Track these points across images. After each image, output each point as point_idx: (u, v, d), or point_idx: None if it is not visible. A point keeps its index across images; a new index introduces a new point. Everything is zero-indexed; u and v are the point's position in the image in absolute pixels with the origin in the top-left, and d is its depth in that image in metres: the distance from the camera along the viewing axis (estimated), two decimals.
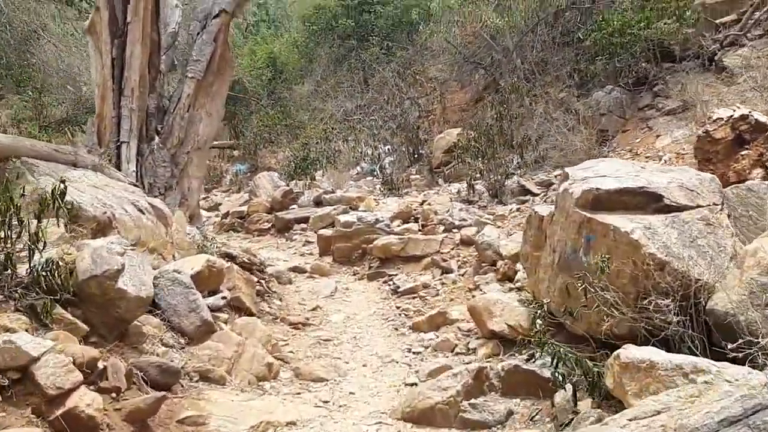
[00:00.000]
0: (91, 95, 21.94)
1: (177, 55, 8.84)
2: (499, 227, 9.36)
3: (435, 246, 9.49)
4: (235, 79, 24.92)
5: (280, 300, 8.32)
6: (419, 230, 10.21)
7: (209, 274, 6.53)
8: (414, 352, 6.25)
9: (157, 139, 8.62)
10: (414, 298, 8.19)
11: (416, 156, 16.39)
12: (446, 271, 8.66)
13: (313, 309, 8.06)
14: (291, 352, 6.30)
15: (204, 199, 19.92)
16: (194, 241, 7.54)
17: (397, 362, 6.05)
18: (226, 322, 6.49)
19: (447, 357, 6.03)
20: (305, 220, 13.03)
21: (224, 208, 16.10)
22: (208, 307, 6.46)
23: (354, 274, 9.95)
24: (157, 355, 5.17)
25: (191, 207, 8.87)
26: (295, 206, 13.97)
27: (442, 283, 8.34)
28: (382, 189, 13.81)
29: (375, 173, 16.56)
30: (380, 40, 22.12)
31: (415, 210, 11.04)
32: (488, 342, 5.90)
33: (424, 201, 11.47)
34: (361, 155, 17.39)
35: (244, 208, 14.62)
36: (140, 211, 6.82)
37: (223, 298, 6.73)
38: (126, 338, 5.12)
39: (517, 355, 5.49)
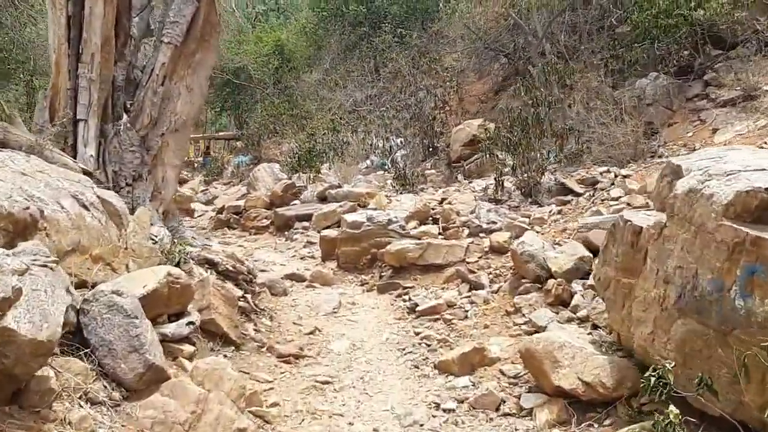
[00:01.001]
0: None
1: (155, 18, 6.96)
2: (538, 233, 7.52)
3: (459, 253, 7.69)
4: (239, 66, 23.19)
5: (271, 319, 6.54)
6: (440, 234, 8.40)
7: (170, 293, 4.74)
8: (444, 410, 4.44)
9: (125, 117, 6.81)
10: (436, 320, 6.39)
11: (431, 149, 14.56)
12: (475, 286, 6.85)
13: (311, 332, 6.27)
14: (275, 404, 4.50)
15: (203, 191, 18.17)
16: (158, 247, 5.74)
17: (422, 426, 4.23)
18: (191, 358, 4.71)
19: (491, 420, 4.22)
20: (308, 217, 11.24)
21: (220, 201, 14.33)
22: (167, 337, 4.69)
23: (362, 284, 8.16)
24: (70, 424, 3.39)
25: (165, 201, 7.09)
26: (297, 202, 12.18)
27: (471, 302, 6.54)
28: (394, 184, 11.99)
29: (386, 167, 14.74)
30: (393, 27, 20.26)
31: (433, 210, 9.24)
32: (551, 402, 4.10)
33: (443, 199, 9.65)
34: (371, 148, 15.58)
35: (241, 203, 12.84)
36: (84, 206, 5.02)
37: (190, 323, 4.95)
38: (23, 399, 3.34)
39: (597, 426, 3.68)
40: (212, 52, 7.41)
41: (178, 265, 6.15)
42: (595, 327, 4.86)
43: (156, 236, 6.12)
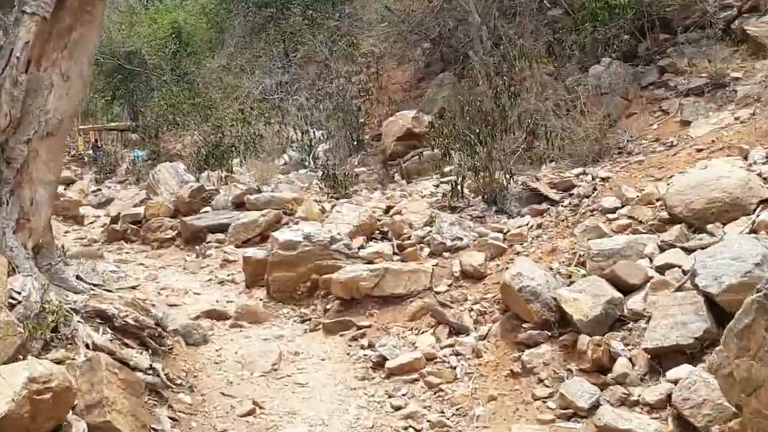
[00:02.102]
0: None
1: None
2: (519, 253, 6.02)
3: (424, 280, 6.09)
4: (131, 51, 20.49)
5: (191, 391, 4.67)
6: (395, 254, 6.73)
7: (35, 411, 2.86)
8: None
9: None
10: (415, 381, 4.78)
11: (357, 143, 12.85)
12: (457, 329, 5.27)
13: (249, 412, 4.48)
14: None
15: (94, 192, 15.59)
16: (22, 311, 3.76)
17: None
18: None
19: None
20: (223, 228, 9.29)
21: (115, 207, 12.01)
22: None
23: (302, 320, 6.42)
24: None
25: (36, 231, 5.04)
26: (208, 209, 10.16)
27: (457, 354, 4.96)
28: (322, 186, 10.19)
29: (307, 163, 12.90)
30: (303, 8, 18.22)
31: (380, 221, 7.56)
32: None
33: (390, 207, 8.01)
34: (287, 141, 13.66)
35: (141, 210, 10.65)
36: None
37: None
38: None
39: None
40: (95, 27, 5.35)
41: (56, 329, 4.23)
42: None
43: (20, 293, 4.12)
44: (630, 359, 4.00)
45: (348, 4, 17.98)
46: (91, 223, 12.48)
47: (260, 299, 6.95)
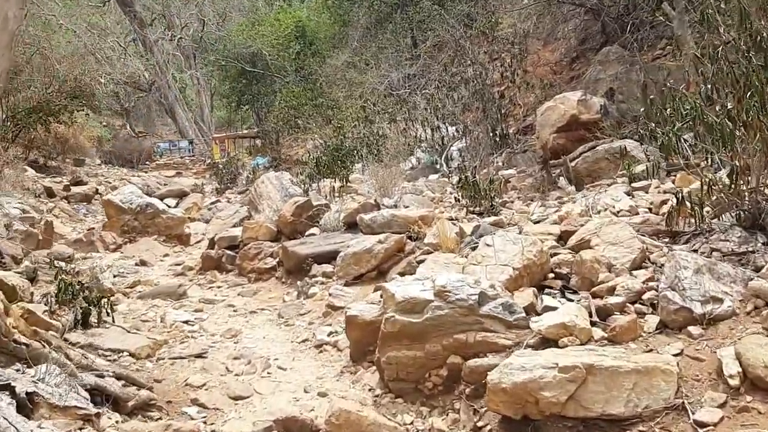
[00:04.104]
0: (69, 76, 15.94)
1: None
2: None
3: (665, 389, 3.07)
4: (254, 52, 18.65)
5: None
6: (593, 323, 3.69)
7: None
8: None
9: None
10: None
11: (500, 138, 9.81)
12: None
13: None
14: None
15: (211, 205, 13.64)
16: None
17: None
18: None
19: None
20: (331, 257, 6.71)
21: (214, 228, 9.77)
22: None
23: None
24: None
25: None
26: (315, 230, 7.59)
27: None
28: (458, 197, 7.28)
29: (438, 166, 10.07)
30: None
31: (555, 255, 4.54)
32: None
33: (566, 233, 4.93)
34: (416, 140, 10.88)
35: (239, 232, 8.29)
36: None
37: None
38: None
39: None
40: None
41: None
42: None
43: None
44: None
45: None
46: (198, 242, 10.39)
47: (369, 388, 4.19)
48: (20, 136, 14.81)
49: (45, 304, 4.44)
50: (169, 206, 12.35)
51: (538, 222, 5.92)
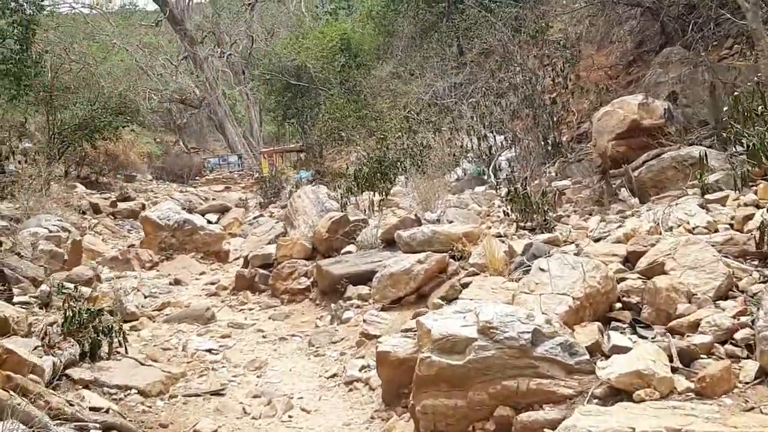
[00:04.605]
0: (114, 92, 15.85)
1: None
2: None
3: None
4: (299, 65, 18.31)
5: None
6: (674, 369, 2.94)
7: None
8: None
9: None
10: None
11: (552, 147, 9.03)
12: None
13: None
14: None
15: (254, 220, 13.23)
16: None
17: None
18: None
19: None
20: (367, 277, 6.09)
21: (248, 245, 9.30)
22: None
23: None
24: None
25: None
26: (351, 248, 6.99)
27: None
28: (507, 211, 6.56)
29: (486, 177, 9.36)
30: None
31: (622, 281, 3.80)
32: None
33: (635, 254, 4.15)
34: (461, 151, 10.20)
35: (273, 249, 7.76)
36: None
37: None
38: None
39: None
40: None
41: None
42: None
43: None
44: None
45: None
46: (236, 259, 9.93)
47: None
48: (69, 152, 14.84)
49: (43, 338, 3.96)
50: (210, 221, 12.01)
51: (598, 240, 5.17)
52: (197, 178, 24.99)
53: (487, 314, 3.30)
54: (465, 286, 5.21)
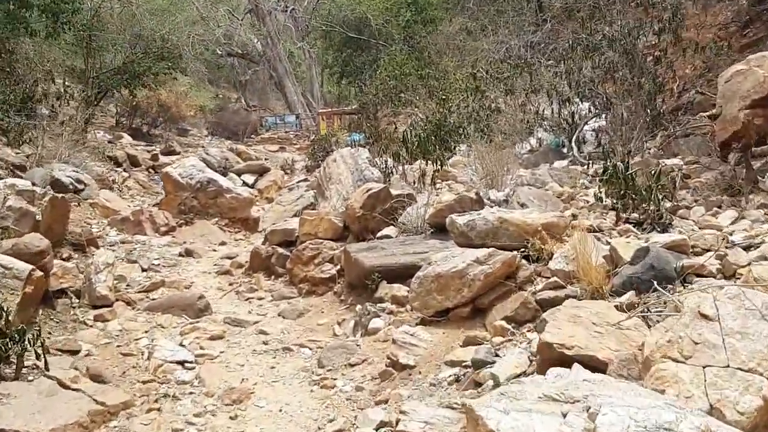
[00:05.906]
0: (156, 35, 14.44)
1: None
2: None
3: None
4: (360, 18, 16.47)
5: None
6: None
7: None
8: None
9: None
10: None
11: (652, 118, 6.99)
12: None
13: None
14: None
15: (296, 184, 11.66)
16: None
17: None
18: None
19: None
20: (407, 272, 4.41)
21: (271, 216, 7.72)
22: None
23: None
24: None
25: None
26: (391, 229, 5.30)
27: None
28: (602, 196, 4.68)
29: (567, 151, 7.44)
30: None
31: None
32: None
33: None
34: (536, 117, 8.25)
35: (297, 224, 6.15)
36: None
37: None
38: None
39: None
40: None
41: None
42: None
43: None
44: None
45: None
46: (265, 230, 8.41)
47: None
48: (118, 100, 13.63)
49: None
50: (246, 183, 10.54)
51: (748, 248, 3.33)
52: (252, 136, 23.75)
53: (615, 423, 1.56)
54: (544, 304, 3.49)
